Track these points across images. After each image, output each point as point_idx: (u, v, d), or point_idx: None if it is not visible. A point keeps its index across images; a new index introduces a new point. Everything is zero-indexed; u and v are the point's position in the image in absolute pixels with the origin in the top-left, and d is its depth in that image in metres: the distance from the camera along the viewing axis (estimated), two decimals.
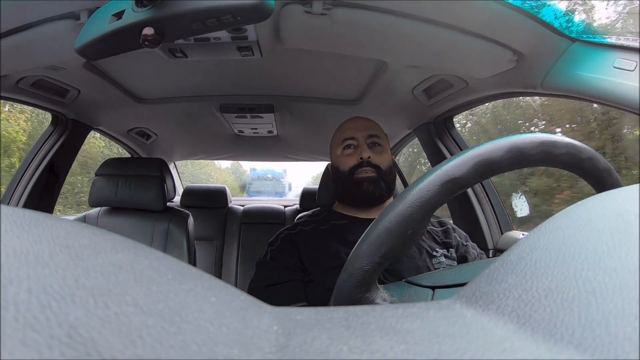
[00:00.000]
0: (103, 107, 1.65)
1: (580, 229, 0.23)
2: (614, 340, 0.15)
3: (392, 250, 0.44)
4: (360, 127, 1.05)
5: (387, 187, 1.00)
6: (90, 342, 0.11)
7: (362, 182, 0.98)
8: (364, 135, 1.03)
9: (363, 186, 0.98)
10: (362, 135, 1.03)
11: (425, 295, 0.52)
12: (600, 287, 0.18)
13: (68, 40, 0.80)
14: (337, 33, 0.99)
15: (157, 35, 0.61)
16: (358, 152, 1.01)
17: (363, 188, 0.98)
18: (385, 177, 1.00)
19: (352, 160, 1.01)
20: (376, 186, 0.98)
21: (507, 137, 0.47)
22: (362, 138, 1.03)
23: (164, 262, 0.18)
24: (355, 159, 1.01)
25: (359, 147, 1.02)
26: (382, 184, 0.99)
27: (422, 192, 0.44)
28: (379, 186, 0.98)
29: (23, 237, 0.15)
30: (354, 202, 1.03)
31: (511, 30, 0.93)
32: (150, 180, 1.61)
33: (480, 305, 0.21)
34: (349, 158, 1.02)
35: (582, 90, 0.91)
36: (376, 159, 1.00)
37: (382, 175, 0.99)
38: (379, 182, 0.98)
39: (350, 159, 1.02)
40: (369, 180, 0.98)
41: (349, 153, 1.03)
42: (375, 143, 1.03)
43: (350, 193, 1.02)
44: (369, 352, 0.16)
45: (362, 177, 0.99)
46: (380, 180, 0.99)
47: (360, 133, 1.03)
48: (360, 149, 1.01)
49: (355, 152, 1.02)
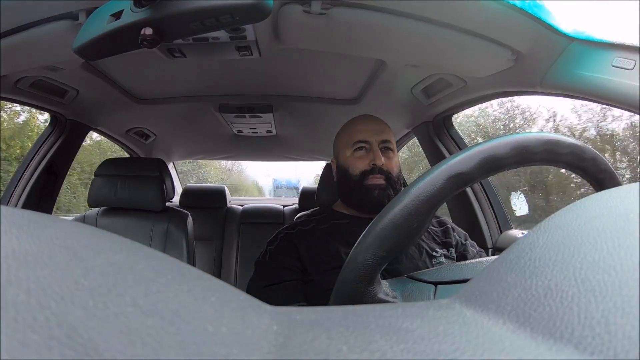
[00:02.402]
0: (102, 107, 1.65)
1: (579, 228, 0.23)
2: (613, 339, 0.15)
3: (396, 245, 0.44)
4: (375, 131, 1.03)
5: (395, 194, 0.99)
6: (90, 343, 0.11)
7: (373, 189, 0.97)
8: (377, 140, 1.01)
9: (373, 193, 0.97)
10: (376, 140, 1.01)
11: (427, 291, 0.52)
12: (600, 285, 0.18)
13: (66, 41, 0.79)
14: (336, 32, 0.99)
15: (156, 35, 0.61)
16: (370, 157, 1.00)
17: (373, 195, 0.97)
18: (394, 185, 1.00)
19: (364, 165, 1.00)
20: (385, 194, 0.97)
21: (512, 135, 0.47)
22: (375, 143, 1.01)
23: (163, 263, 0.18)
24: (366, 164, 0.99)
25: (371, 152, 1.00)
26: (390, 192, 0.98)
27: (428, 186, 0.44)
28: (388, 194, 0.98)
29: (22, 238, 0.15)
30: (359, 207, 1.03)
31: (510, 29, 0.93)
32: (149, 180, 1.61)
33: (480, 304, 0.21)
34: (360, 161, 1.01)
35: (581, 89, 0.91)
36: (388, 165, 0.99)
37: (391, 182, 0.99)
38: (388, 190, 0.98)
39: (362, 162, 1.00)
40: (379, 188, 0.97)
41: (360, 156, 1.02)
42: (388, 148, 1.02)
43: (358, 197, 1.01)
44: (368, 352, 0.16)
45: (373, 184, 0.98)
46: (389, 188, 0.98)
47: (374, 137, 1.01)
48: (374, 155, 0.99)
49: (367, 156, 1.00)
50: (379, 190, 0.97)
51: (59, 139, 1.65)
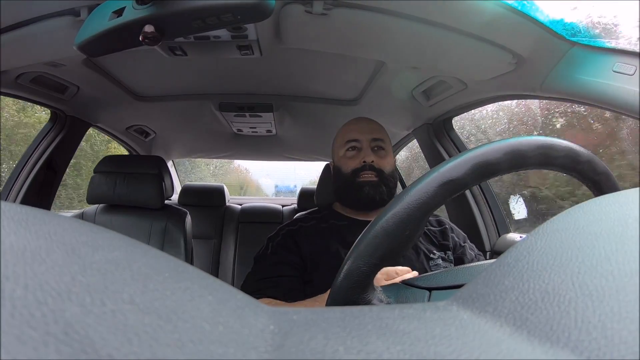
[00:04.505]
0: (102, 104, 1.65)
1: (577, 232, 0.23)
2: (610, 343, 0.15)
3: (389, 252, 0.44)
4: (365, 130, 1.04)
5: (388, 191, 1.00)
6: (87, 340, 0.11)
7: (364, 186, 0.98)
8: (368, 139, 1.03)
9: (364, 190, 0.98)
10: (367, 138, 1.03)
11: (421, 297, 0.52)
12: (597, 290, 0.18)
13: (68, 37, 0.79)
14: (337, 33, 0.99)
15: (157, 33, 0.61)
16: (361, 155, 1.01)
17: (364, 192, 0.98)
18: (387, 182, 1.00)
19: (355, 163, 1.01)
20: (377, 190, 0.98)
21: (505, 140, 0.46)
22: (366, 141, 1.02)
23: (161, 260, 0.18)
24: (358, 162, 1.01)
25: (362, 150, 1.02)
26: (383, 189, 0.99)
27: (420, 193, 0.44)
28: (380, 190, 0.98)
29: (20, 234, 0.15)
30: (353, 205, 1.03)
31: (511, 32, 0.93)
32: (148, 178, 1.61)
33: (477, 307, 0.21)
34: (351, 160, 1.02)
35: (581, 93, 0.91)
36: (379, 162, 1.00)
37: (383, 179, 1.00)
38: (380, 187, 0.99)
39: (353, 161, 1.02)
40: (371, 184, 0.98)
41: (351, 155, 1.03)
42: (379, 147, 1.03)
43: (351, 196, 1.02)
44: (365, 353, 0.16)
45: (363, 181, 0.99)
46: (381, 185, 0.99)
47: (365, 136, 1.03)
48: (364, 152, 1.01)
49: (359, 155, 1.02)
50: (369, 186, 0.98)
51: (59, 135, 1.65)
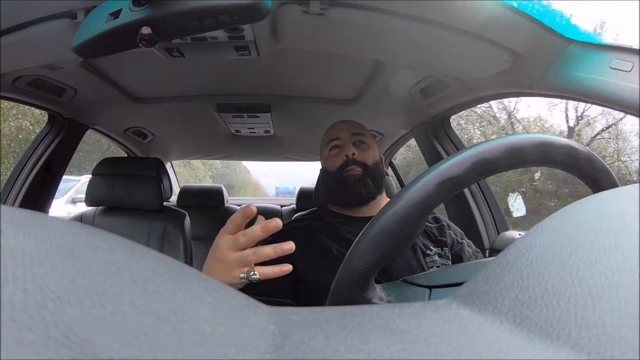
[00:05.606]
0: (100, 106, 1.64)
1: (576, 229, 0.23)
2: (610, 340, 0.15)
3: (389, 250, 0.44)
4: (344, 128, 1.07)
5: (374, 183, 1.01)
6: (87, 342, 0.11)
7: (349, 180, 0.99)
8: (347, 135, 1.04)
9: (350, 185, 0.99)
10: (346, 134, 1.04)
11: (422, 295, 0.52)
12: (597, 287, 0.18)
13: (65, 39, 0.79)
14: (334, 33, 0.99)
15: (154, 35, 0.61)
16: (343, 151, 1.02)
17: (350, 186, 0.99)
18: (372, 174, 1.01)
19: (339, 160, 1.02)
20: (363, 184, 0.99)
21: (504, 137, 0.46)
22: (346, 137, 1.04)
23: (161, 262, 0.18)
24: (341, 159, 1.02)
25: (343, 146, 1.03)
26: (368, 181, 1.00)
27: (419, 192, 0.44)
28: (366, 183, 0.99)
29: (19, 237, 0.15)
30: (343, 201, 1.04)
31: (508, 30, 0.93)
32: (147, 180, 1.61)
33: (477, 305, 0.21)
34: (335, 158, 1.04)
35: (578, 90, 0.91)
36: (361, 156, 1.01)
37: (368, 172, 1.00)
38: (365, 180, 0.99)
39: (336, 159, 1.03)
40: (355, 178, 0.99)
41: (334, 153, 1.05)
42: (360, 141, 1.05)
43: (339, 192, 1.03)
44: (365, 352, 0.16)
45: (348, 176, 1.00)
46: (366, 178, 1.00)
47: (345, 133, 1.05)
48: (345, 147, 1.02)
49: (341, 152, 1.03)
50: (354, 180, 0.99)
51: (57, 138, 1.65)
